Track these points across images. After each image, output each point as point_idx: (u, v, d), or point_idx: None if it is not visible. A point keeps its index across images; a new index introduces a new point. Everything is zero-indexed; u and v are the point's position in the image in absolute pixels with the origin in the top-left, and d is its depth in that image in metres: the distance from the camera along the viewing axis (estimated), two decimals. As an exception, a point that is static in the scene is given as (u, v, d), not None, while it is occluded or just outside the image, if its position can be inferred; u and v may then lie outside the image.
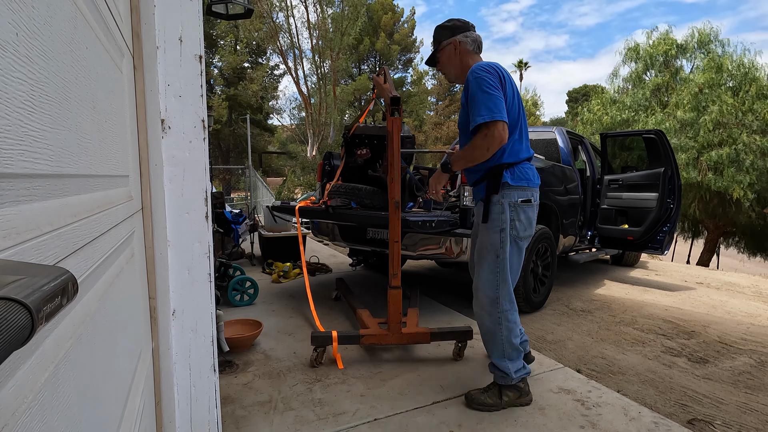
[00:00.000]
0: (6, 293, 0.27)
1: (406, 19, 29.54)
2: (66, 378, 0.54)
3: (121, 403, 0.84)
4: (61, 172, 0.57)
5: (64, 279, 0.34)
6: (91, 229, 0.70)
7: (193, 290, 1.25)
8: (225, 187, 23.55)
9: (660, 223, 4.21)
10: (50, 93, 0.53)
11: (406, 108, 26.00)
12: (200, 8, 1.23)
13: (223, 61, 23.64)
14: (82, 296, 0.63)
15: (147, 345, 1.17)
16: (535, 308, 3.44)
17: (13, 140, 0.43)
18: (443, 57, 2.03)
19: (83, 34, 0.68)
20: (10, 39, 0.42)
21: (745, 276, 6.07)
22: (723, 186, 11.04)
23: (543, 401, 1.94)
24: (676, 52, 13.49)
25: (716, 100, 11.41)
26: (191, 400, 1.28)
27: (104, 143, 0.81)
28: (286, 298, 3.58)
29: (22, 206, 0.45)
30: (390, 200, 2.31)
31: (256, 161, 20.12)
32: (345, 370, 2.22)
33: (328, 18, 21.26)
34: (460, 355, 2.38)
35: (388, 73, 2.64)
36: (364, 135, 3.11)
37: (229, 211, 4.64)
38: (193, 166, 1.22)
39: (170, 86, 1.18)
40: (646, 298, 4.09)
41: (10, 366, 0.39)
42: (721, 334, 3.10)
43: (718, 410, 2.04)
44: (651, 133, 4.40)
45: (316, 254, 5.47)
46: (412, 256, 3.32)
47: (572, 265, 5.42)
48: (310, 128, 22.23)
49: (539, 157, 3.95)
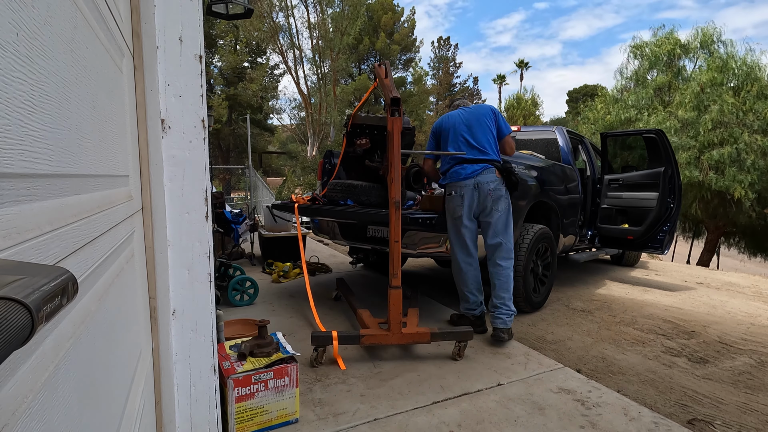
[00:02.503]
0: (6, 293, 0.27)
1: (406, 19, 29.54)
2: (66, 378, 0.54)
3: (121, 403, 0.84)
4: (61, 172, 0.57)
5: (64, 279, 0.34)
6: (91, 229, 0.70)
7: (193, 290, 1.25)
8: (225, 187, 23.53)
9: (660, 223, 4.21)
10: (50, 93, 0.53)
11: (406, 108, 26.00)
12: (200, 8, 1.23)
13: (223, 61, 23.62)
14: (82, 296, 0.63)
15: (147, 345, 1.17)
16: (535, 308, 3.44)
17: (13, 140, 0.43)
18: None
19: (83, 34, 0.68)
20: (10, 39, 0.42)
21: (745, 276, 6.06)
22: (724, 185, 11.02)
23: (543, 401, 1.94)
24: (680, 52, 13.46)
25: (717, 99, 11.40)
26: (191, 400, 1.28)
27: (104, 143, 0.81)
28: (286, 298, 3.58)
29: (22, 206, 0.45)
30: (390, 200, 2.31)
31: (256, 161, 20.12)
32: (345, 370, 2.22)
33: (327, 18, 21.26)
34: (460, 355, 2.38)
35: (389, 68, 2.66)
36: (364, 125, 3.14)
37: (229, 211, 4.64)
38: (193, 165, 1.22)
39: (170, 86, 1.18)
40: (646, 298, 4.09)
41: (10, 366, 0.39)
42: (721, 334, 3.10)
43: (718, 410, 2.04)
44: (651, 133, 4.40)
45: (316, 254, 5.47)
46: (412, 254, 3.33)
47: (572, 264, 5.42)
48: (310, 128, 22.22)
49: (539, 156, 3.95)
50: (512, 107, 25.15)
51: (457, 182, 2.75)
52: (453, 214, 2.77)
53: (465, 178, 2.73)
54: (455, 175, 2.78)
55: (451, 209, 2.77)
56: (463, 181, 2.73)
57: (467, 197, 2.71)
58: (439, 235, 3.00)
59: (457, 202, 2.74)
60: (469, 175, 2.72)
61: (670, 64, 13.71)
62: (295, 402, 1.75)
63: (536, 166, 3.53)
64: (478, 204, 2.71)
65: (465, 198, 2.71)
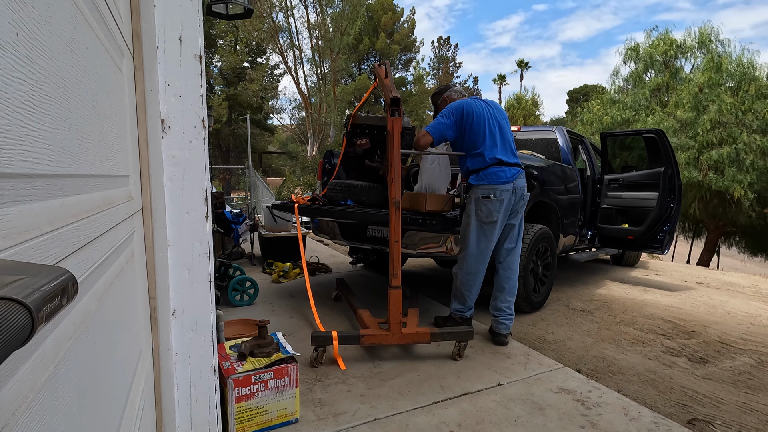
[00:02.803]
0: (6, 293, 0.27)
1: (406, 19, 29.55)
2: (66, 378, 0.54)
3: (121, 403, 0.84)
4: (61, 172, 0.57)
5: (64, 279, 0.34)
6: (91, 229, 0.70)
7: (193, 290, 1.25)
8: (225, 187, 23.53)
9: (660, 223, 4.21)
10: (50, 93, 0.53)
11: (406, 107, 26.01)
12: (200, 8, 1.23)
13: (223, 61, 23.62)
14: (82, 296, 0.63)
15: (147, 345, 1.17)
16: (535, 308, 3.44)
17: (13, 140, 0.43)
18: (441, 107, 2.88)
19: (83, 34, 0.68)
20: (10, 39, 0.42)
21: (745, 276, 6.06)
22: (724, 185, 11.02)
23: (543, 401, 1.94)
24: (675, 53, 13.48)
25: (715, 99, 11.40)
26: (191, 400, 1.28)
27: (104, 143, 0.81)
28: (286, 298, 3.58)
29: (22, 206, 0.45)
30: (390, 200, 2.31)
31: (256, 161, 20.10)
32: (345, 370, 2.22)
33: (327, 18, 21.25)
34: (460, 355, 2.38)
35: (389, 68, 2.66)
36: (364, 125, 3.15)
37: (229, 211, 4.64)
38: (193, 166, 1.22)
39: (170, 86, 1.18)
40: (646, 297, 4.09)
41: (10, 366, 0.39)
42: (721, 334, 3.10)
43: (718, 410, 2.04)
44: (651, 133, 4.40)
45: (316, 254, 5.47)
46: (412, 254, 3.32)
47: (572, 264, 5.42)
48: (310, 128, 22.22)
49: (539, 156, 3.95)
50: (513, 107, 25.17)
51: (497, 185, 2.56)
52: (486, 218, 2.57)
53: (505, 182, 2.58)
54: (494, 177, 2.58)
55: (485, 212, 2.57)
56: (504, 185, 2.57)
57: (506, 201, 2.57)
58: (440, 235, 3.00)
59: (495, 207, 2.55)
60: (509, 179, 2.58)
61: (667, 65, 13.72)
62: (295, 402, 1.75)
63: (536, 166, 3.53)
64: (510, 209, 2.62)
65: (504, 202, 2.57)
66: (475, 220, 2.59)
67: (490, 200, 2.56)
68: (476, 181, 2.61)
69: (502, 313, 2.64)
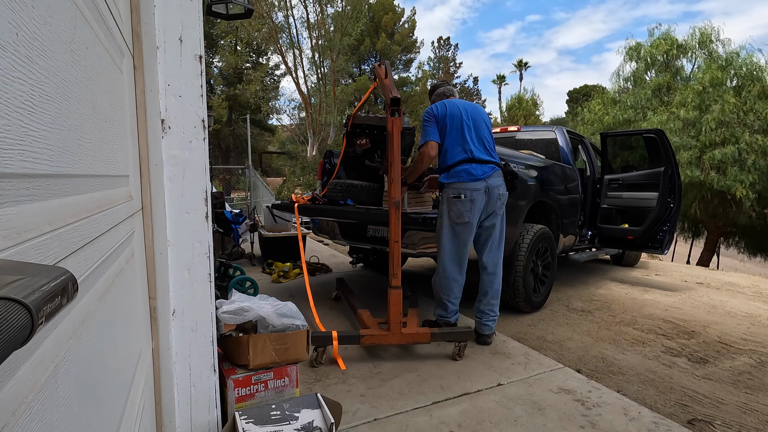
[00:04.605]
0: (6, 293, 0.27)
1: (407, 20, 29.54)
2: (66, 378, 0.54)
3: (121, 403, 0.84)
4: (61, 172, 0.57)
5: (64, 279, 0.34)
6: (91, 229, 0.70)
7: (193, 290, 1.25)
8: (225, 187, 23.54)
9: (660, 223, 4.21)
10: (50, 93, 0.53)
11: (406, 107, 26.00)
12: (200, 8, 1.23)
13: (223, 61, 23.62)
14: (82, 296, 0.63)
15: (147, 345, 1.17)
16: (535, 308, 3.44)
17: (13, 140, 0.43)
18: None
19: (83, 34, 0.68)
20: (10, 39, 0.42)
21: (745, 276, 6.06)
22: (726, 185, 11.02)
23: (543, 401, 1.94)
24: (677, 52, 13.47)
25: (719, 99, 11.40)
26: (191, 400, 1.28)
27: (104, 143, 0.81)
28: (286, 298, 3.57)
29: (22, 206, 0.45)
30: (390, 200, 2.31)
31: (256, 161, 20.12)
32: (345, 370, 2.22)
33: (327, 18, 21.25)
34: (460, 355, 2.38)
35: (389, 69, 2.65)
36: (364, 125, 3.15)
37: (229, 211, 4.64)
38: (193, 166, 1.22)
39: (170, 86, 1.18)
40: (646, 298, 4.09)
41: (10, 366, 0.39)
42: (721, 334, 3.10)
43: (718, 410, 2.04)
44: (651, 133, 4.40)
45: (316, 254, 5.47)
46: (412, 254, 3.32)
47: (572, 264, 5.42)
48: (310, 128, 22.22)
49: (539, 156, 3.95)
50: (513, 107, 25.18)
51: (466, 183, 2.48)
52: (457, 219, 2.49)
53: (476, 179, 2.48)
54: (464, 174, 2.50)
55: (456, 213, 2.49)
56: (474, 183, 2.48)
57: (478, 201, 2.48)
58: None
59: (466, 207, 2.47)
60: (480, 177, 2.49)
61: (668, 65, 13.71)
62: (295, 402, 1.75)
63: (536, 166, 3.53)
64: (485, 209, 2.53)
65: (476, 202, 2.48)
66: (447, 221, 2.53)
67: (461, 200, 2.48)
68: (446, 179, 2.56)
69: (485, 315, 2.61)
